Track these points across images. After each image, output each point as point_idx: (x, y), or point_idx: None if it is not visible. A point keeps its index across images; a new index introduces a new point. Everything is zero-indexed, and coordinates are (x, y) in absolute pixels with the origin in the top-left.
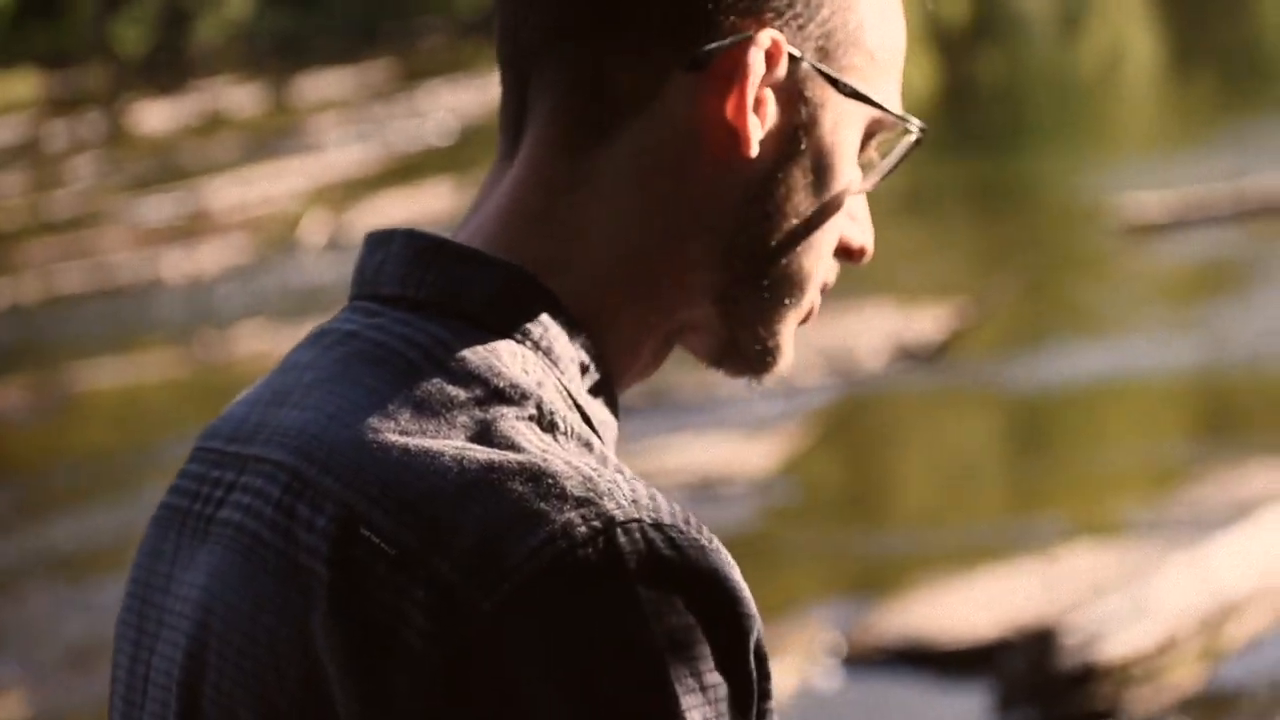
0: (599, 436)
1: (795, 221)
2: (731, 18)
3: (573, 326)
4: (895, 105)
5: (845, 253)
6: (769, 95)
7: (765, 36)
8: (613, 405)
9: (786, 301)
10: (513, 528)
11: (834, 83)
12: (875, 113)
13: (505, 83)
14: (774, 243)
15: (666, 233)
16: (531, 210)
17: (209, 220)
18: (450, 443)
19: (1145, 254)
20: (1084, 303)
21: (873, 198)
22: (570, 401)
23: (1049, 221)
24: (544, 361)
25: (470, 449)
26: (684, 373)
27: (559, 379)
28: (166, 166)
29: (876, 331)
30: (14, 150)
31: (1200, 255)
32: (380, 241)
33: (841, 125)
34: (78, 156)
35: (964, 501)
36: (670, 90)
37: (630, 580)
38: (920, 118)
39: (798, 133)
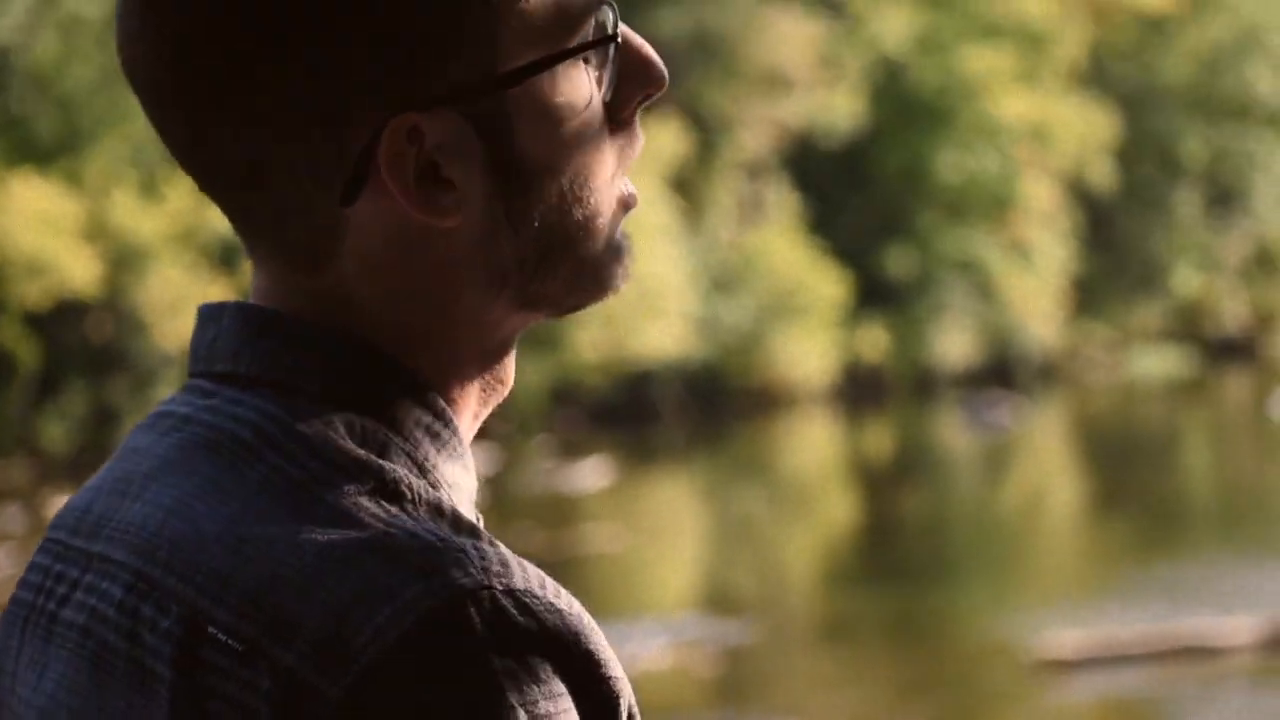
0: (452, 499)
1: (553, 205)
2: (358, 128)
3: (411, 388)
4: (585, 33)
5: (646, 92)
6: (438, 155)
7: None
8: (463, 463)
9: (585, 249)
10: (356, 608)
11: (491, 84)
12: (574, 59)
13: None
14: (537, 237)
15: (432, 309)
16: (304, 309)
17: None
18: (290, 527)
19: (1055, 691)
20: None
21: None
22: (417, 468)
23: (963, 656)
24: (385, 430)
25: (310, 532)
26: None
27: (402, 446)
28: None
29: None
30: None
31: (1110, 693)
32: (212, 316)
33: (543, 101)
34: None
35: None
36: (351, 222)
37: (483, 651)
38: (843, 552)
39: (496, 152)
